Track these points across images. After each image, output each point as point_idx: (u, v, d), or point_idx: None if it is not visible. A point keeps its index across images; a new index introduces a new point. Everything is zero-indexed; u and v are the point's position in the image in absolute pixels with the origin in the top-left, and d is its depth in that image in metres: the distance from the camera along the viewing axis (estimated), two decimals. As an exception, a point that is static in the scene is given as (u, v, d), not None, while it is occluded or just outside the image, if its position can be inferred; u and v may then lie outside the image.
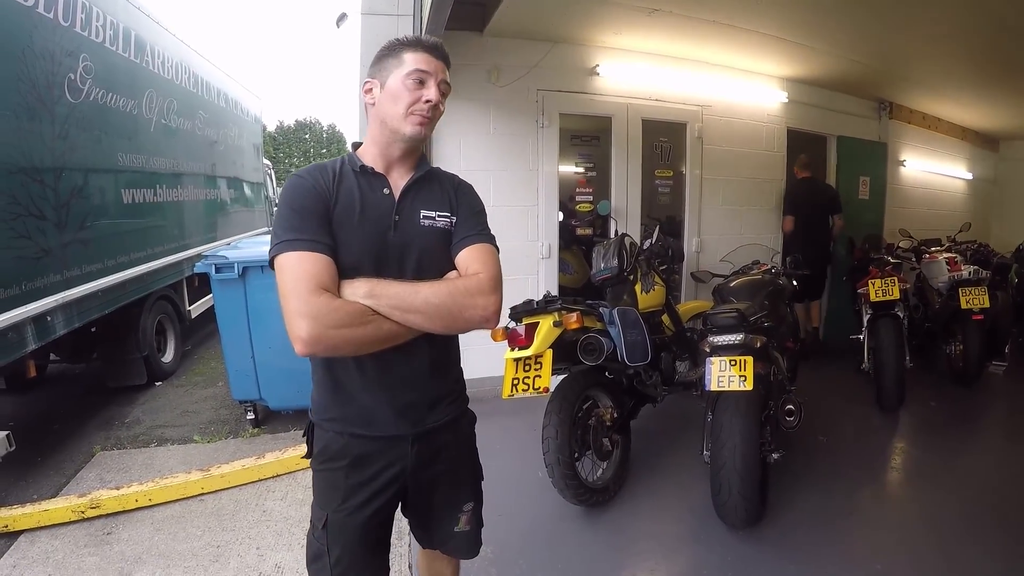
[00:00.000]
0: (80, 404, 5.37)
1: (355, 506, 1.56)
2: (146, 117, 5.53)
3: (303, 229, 1.39)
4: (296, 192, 1.45)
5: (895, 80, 6.20)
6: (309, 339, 1.32)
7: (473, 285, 1.48)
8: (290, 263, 1.37)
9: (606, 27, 4.65)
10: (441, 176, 1.68)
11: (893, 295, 4.57)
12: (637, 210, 5.32)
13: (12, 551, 3.20)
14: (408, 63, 1.48)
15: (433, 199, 1.59)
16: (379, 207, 1.51)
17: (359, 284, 1.40)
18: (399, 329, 1.41)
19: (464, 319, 1.47)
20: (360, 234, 1.47)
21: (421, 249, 1.53)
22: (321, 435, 1.60)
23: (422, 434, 1.60)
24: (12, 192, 3.73)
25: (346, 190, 1.49)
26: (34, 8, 3.91)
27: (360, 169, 1.53)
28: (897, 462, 3.98)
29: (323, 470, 1.60)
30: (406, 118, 1.47)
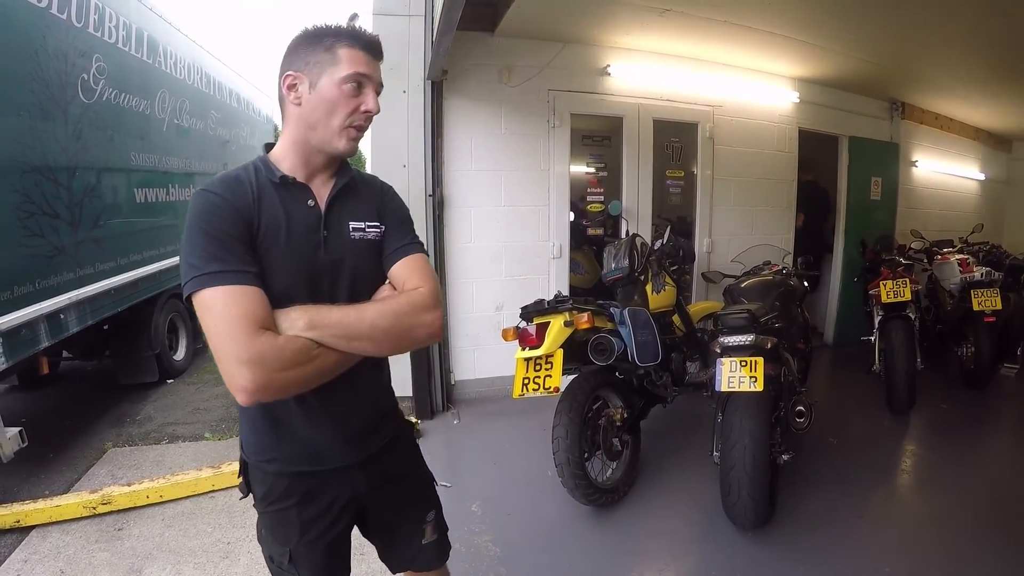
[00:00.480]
0: (92, 401, 5.40)
1: (315, 537, 1.49)
2: (158, 117, 5.57)
3: (227, 258, 1.22)
4: (210, 212, 1.26)
5: (907, 80, 6.16)
6: (256, 388, 1.16)
7: (418, 302, 1.36)
8: (219, 301, 1.19)
9: (617, 27, 4.64)
10: (365, 181, 1.53)
11: (904, 296, 4.54)
12: (648, 210, 5.32)
13: (23, 546, 3.23)
14: (345, 64, 1.31)
15: (360, 208, 1.45)
16: (305, 222, 1.36)
17: (296, 315, 1.24)
18: (344, 359, 1.29)
19: (411, 339, 1.37)
20: (289, 256, 1.32)
21: (354, 265, 1.40)
22: (261, 477, 1.48)
23: (368, 458, 1.52)
24: (26, 191, 3.77)
25: (268, 205, 1.32)
26: (47, 9, 3.94)
27: (280, 180, 1.35)
28: (907, 465, 3.95)
29: (271, 511, 1.49)
30: (341, 132, 1.33)
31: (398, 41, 4.45)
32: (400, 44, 4.46)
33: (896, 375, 4.47)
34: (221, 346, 1.18)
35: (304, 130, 1.36)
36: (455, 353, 4.98)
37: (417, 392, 4.59)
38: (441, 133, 4.68)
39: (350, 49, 1.31)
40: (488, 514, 3.28)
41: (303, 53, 1.34)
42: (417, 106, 4.54)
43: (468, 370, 5.02)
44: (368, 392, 1.50)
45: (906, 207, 7.11)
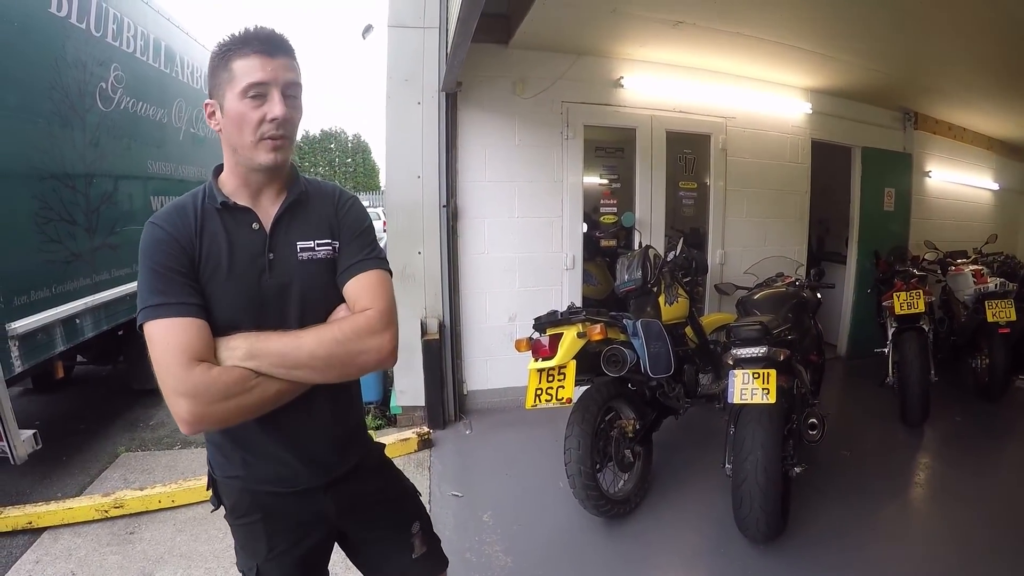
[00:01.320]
0: (106, 405, 5.44)
1: (281, 552, 1.48)
2: (175, 126, 5.63)
3: (166, 292, 1.23)
4: (155, 247, 1.27)
5: (920, 90, 6.12)
6: (193, 419, 1.18)
7: (363, 325, 1.31)
8: (159, 333, 1.21)
9: (630, 39, 4.66)
10: (318, 194, 1.46)
11: (918, 308, 4.52)
12: (661, 222, 5.32)
13: (35, 547, 3.26)
14: (240, 76, 1.25)
15: (310, 226, 1.40)
16: (249, 248, 1.33)
17: (236, 343, 1.24)
18: (288, 387, 1.27)
19: (357, 366, 1.32)
20: (232, 285, 1.30)
21: (303, 289, 1.36)
22: (228, 491, 1.48)
23: (333, 481, 1.49)
24: (44, 197, 3.82)
25: (210, 235, 1.31)
26: (67, 19, 4.00)
27: (222, 205, 1.33)
28: (921, 478, 3.92)
29: (240, 524, 1.50)
30: (256, 146, 1.28)
31: (413, 53, 4.49)
32: (415, 56, 4.49)
33: (910, 387, 4.43)
34: (161, 378, 1.20)
35: (230, 152, 1.34)
36: (468, 363, 4.99)
37: (429, 402, 4.60)
38: (455, 144, 4.70)
39: (243, 59, 1.25)
40: (499, 524, 3.28)
41: (212, 78, 1.31)
42: (431, 118, 4.57)
43: (480, 380, 5.02)
44: (327, 417, 1.44)
45: (919, 218, 7.05)
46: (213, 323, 1.26)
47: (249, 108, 1.25)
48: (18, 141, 3.61)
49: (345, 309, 1.37)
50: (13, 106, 3.55)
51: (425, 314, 4.66)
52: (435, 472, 3.95)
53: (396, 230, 4.57)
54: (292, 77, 1.29)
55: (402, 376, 4.67)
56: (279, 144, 1.29)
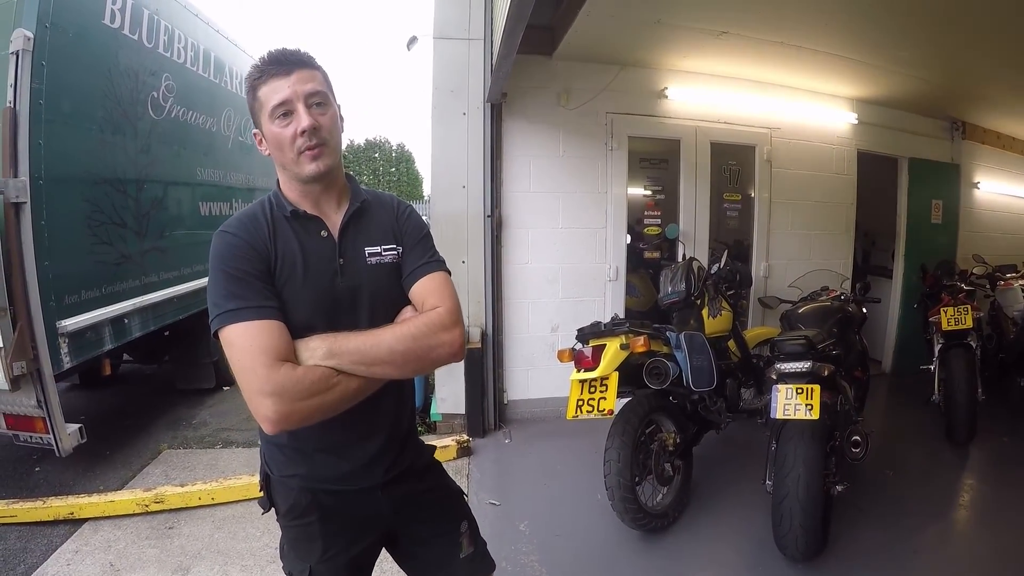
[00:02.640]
0: (150, 403, 5.60)
1: (336, 553, 1.50)
2: (224, 134, 5.77)
3: (246, 295, 1.27)
4: (229, 252, 1.31)
5: (968, 99, 5.97)
6: (279, 418, 1.21)
7: (435, 321, 1.37)
8: (240, 336, 1.24)
9: (674, 50, 4.64)
10: (379, 203, 1.53)
11: (966, 324, 4.39)
12: (705, 234, 5.28)
13: (75, 537, 3.36)
14: (265, 101, 1.33)
15: (375, 232, 1.47)
16: (320, 253, 1.39)
17: (316, 343, 1.28)
18: (366, 384, 1.31)
19: (431, 360, 1.38)
20: (307, 289, 1.36)
21: (373, 291, 1.42)
22: (285, 492, 1.50)
23: (392, 480, 1.52)
24: (97, 201, 3.96)
25: (283, 241, 1.36)
26: (120, 30, 4.13)
27: (291, 214, 1.39)
28: (965, 500, 3.81)
29: (294, 525, 1.52)
30: (298, 160, 1.34)
31: (458, 64, 4.56)
32: (460, 67, 4.56)
33: (956, 406, 4.32)
34: (244, 379, 1.24)
35: (282, 171, 1.41)
36: (509, 372, 5.00)
37: (469, 410, 4.64)
38: (500, 155, 4.74)
39: (264, 85, 1.33)
40: (536, 534, 3.28)
41: (250, 110, 1.40)
42: (476, 128, 4.62)
43: (521, 390, 5.03)
44: (391, 416, 1.50)
45: (968, 231, 6.85)
46: (289, 326, 1.30)
47: (281, 128, 1.32)
48: (72, 147, 3.74)
49: (411, 310, 1.43)
50: (67, 113, 3.68)
51: (468, 323, 4.69)
52: (473, 480, 3.97)
53: (441, 239, 4.48)
54: (311, 87, 1.33)
55: (443, 383, 4.71)
56: (317, 153, 1.34)
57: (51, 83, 3.47)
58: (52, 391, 3.45)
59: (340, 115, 1.45)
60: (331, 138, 1.37)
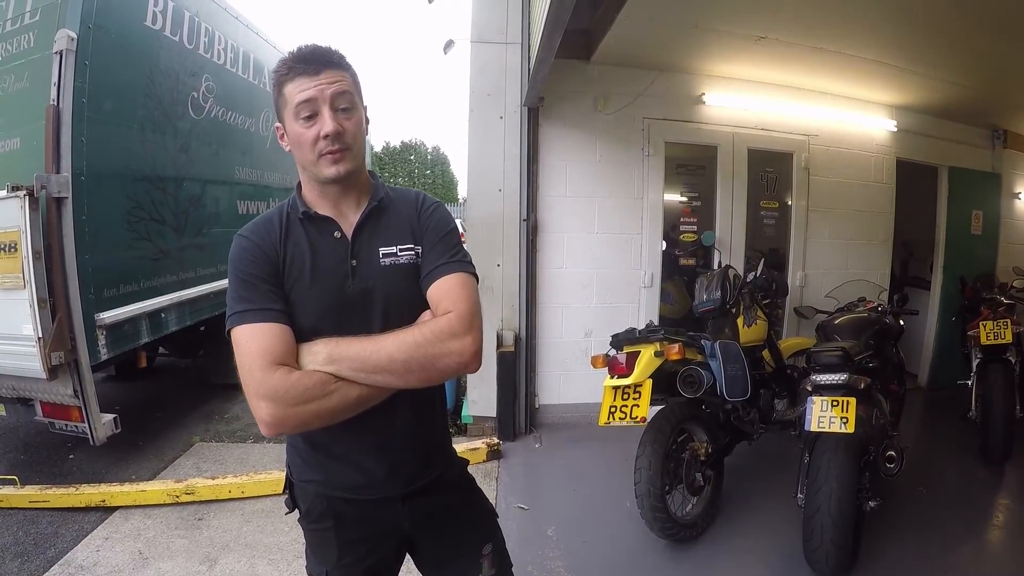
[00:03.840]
0: (183, 397, 5.70)
1: (352, 561, 1.47)
2: (262, 135, 5.86)
3: (251, 298, 1.27)
4: (240, 256, 1.32)
5: (1010, 106, 5.82)
6: (273, 421, 1.20)
7: (443, 328, 1.29)
8: (243, 338, 1.25)
9: (712, 55, 4.61)
10: (400, 200, 1.47)
11: (1005, 339, 4.26)
12: (741, 242, 5.23)
13: (106, 524, 3.44)
14: (290, 98, 1.30)
15: (392, 232, 1.41)
16: (332, 255, 1.36)
17: (318, 348, 1.26)
18: (368, 392, 1.26)
19: (438, 370, 1.29)
20: (316, 291, 1.33)
21: (386, 293, 1.36)
22: (303, 496, 1.49)
23: (412, 493, 1.46)
24: (137, 198, 4.06)
25: (294, 244, 1.35)
26: (161, 32, 4.23)
27: (304, 215, 1.37)
28: (1000, 520, 3.70)
29: (313, 529, 1.50)
30: (318, 161, 1.31)
31: (495, 68, 4.58)
32: (497, 71, 4.58)
33: (993, 423, 4.20)
34: (244, 381, 1.23)
35: (302, 169, 1.39)
36: (541, 377, 5.00)
37: (500, 413, 4.65)
38: (536, 159, 4.74)
39: (290, 81, 1.30)
40: (563, 539, 3.27)
41: (275, 104, 1.37)
42: (513, 132, 4.63)
43: (553, 395, 5.02)
44: (409, 425, 1.43)
45: (1009, 242, 6.67)
46: (298, 328, 1.29)
47: (303, 128, 1.30)
48: (113, 144, 3.84)
49: (430, 314, 1.36)
50: (109, 111, 3.78)
51: (501, 326, 4.71)
52: (502, 483, 3.97)
53: (476, 242, 4.61)
54: (339, 88, 1.30)
55: (475, 386, 4.74)
56: (338, 157, 1.31)
57: (93, 82, 3.57)
58: (89, 381, 3.54)
59: (366, 117, 1.42)
60: (354, 143, 1.34)
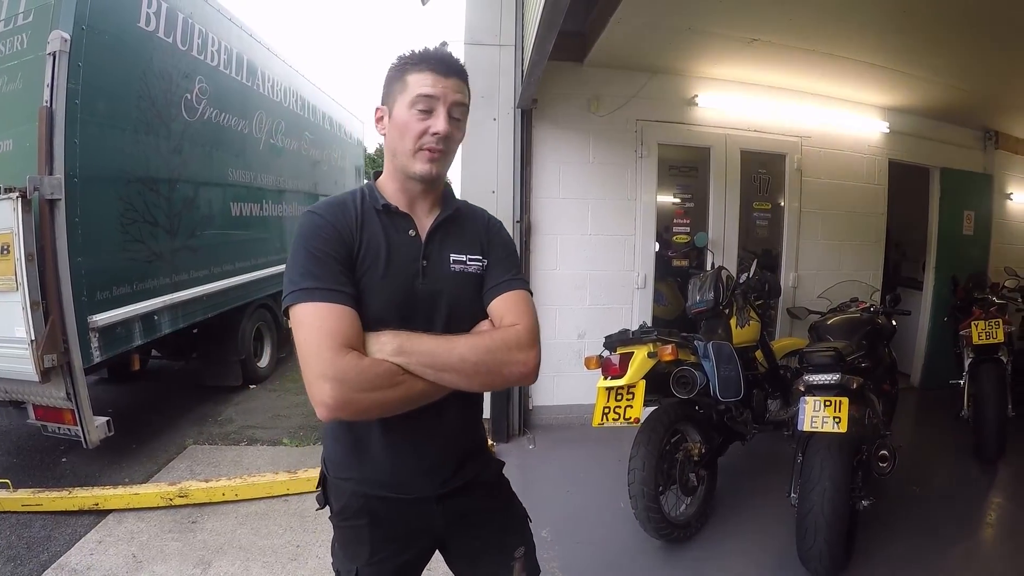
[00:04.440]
0: (177, 399, 5.67)
1: (383, 559, 1.46)
2: (255, 136, 5.86)
3: (323, 276, 1.25)
4: (315, 233, 1.30)
5: (1001, 108, 5.87)
6: (335, 404, 1.18)
7: (512, 339, 1.33)
8: (309, 316, 1.22)
9: (705, 57, 4.63)
10: (470, 214, 1.51)
11: (997, 338, 4.28)
12: (734, 243, 5.25)
13: (99, 527, 3.42)
14: (412, 87, 1.31)
15: (463, 241, 1.44)
16: (405, 251, 1.36)
17: (387, 339, 1.25)
18: (431, 388, 1.27)
19: (503, 376, 1.33)
20: (386, 283, 1.32)
21: (452, 297, 1.38)
22: (338, 493, 1.47)
23: (447, 494, 1.46)
24: (130, 199, 4.04)
25: (370, 233, 1.34)
26: (155, 33, 4.22)
27: (383, 208, 1.38)
28: (993, 518, 3.72)
29: (345, 526, 1.49)
30: (414, 155, 1.33)
31: (489, 70, 4.57)
32: (491, 73, 4.57)
33: (985, 422, 4.23)
34: (307, 361, 1.20)
35: (391, 157, 1.40)
36: (534, 378, 4.99)
37: (494, 415, 4.63)
38: (530, 161, 4.75)
39: (418, 73, 1.32)
40: (558, 541, 3.26)
41: (387, 86, 1.38)
42: (507, 134, 4.64)
43: (547, 396, 5.01)
44: (454, 426, 1.43)
45: (1000, 243, 6.73)
46: (363, 317, 1.27)
47: (414, 119, 1.31)
48: (106, 146, 3.83)
49: (488, 324, 1.40)
50: (102, 113, 3.77)
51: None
52: (496, 484, 3.95)
53: None
54: (459, 98, 1.34)
55: (468, 387, 4.72)
56: (435, 157, 1.33)
57: (87, 84, 3.56)
58: (81, 384, 3.53)
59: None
60: (452, 150, 1.38)
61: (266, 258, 6.15)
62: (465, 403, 1.43)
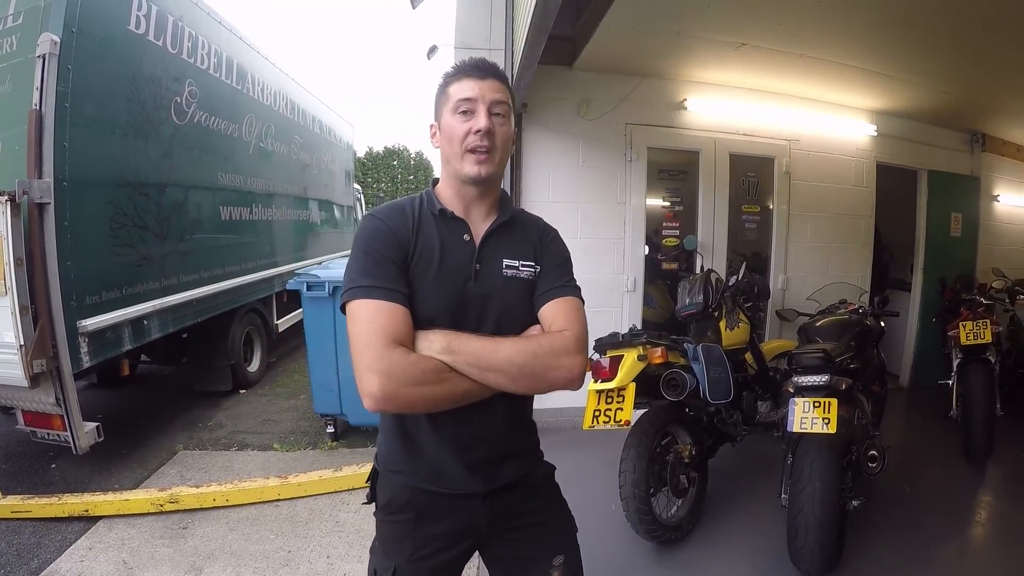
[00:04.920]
0: (167, 404, 5.64)
1: (424, 556, 1.47)
2: (245, 140, 5.84)
3: (379, 276, 1.32)
4: (373, 235, 1.38)
5: (988, 111, 5.91)
6: (381, 396, 1.24)
7: (559, 344, 1.36)
8: (364, 312, 1.29)
9: (694, 62, 4.64)
10: (526, 221, 1.57)
11: (985, 339, 4.33)
12: (723, 245, 5.27)
13: (89, 534, 3.40)
14: (453, 95, 1.40)
15: (517, 247, 1.49)
16: (459, 255, 1.42)
17: (436, 337, 1.31)
18: (476, 388, 1.32)
19: (547, 380, 1.35)
20: (439, 285, 1.38)
21: (503, 301, 1.43)
22: (386, 486, 1.51)
23: (494, 491, 1.48)
24: (119, 203, 4.03)
25: (425, 236, 1.40)
26: (144, 36, 4.21)
27: (439, 212, 1.44)
28: (982, 517, 3.75)
29: (389, 521, 1.52)
30: (463, 157, 1.39)
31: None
32: (480, 77, 4.55)
33: (974, 421, 4.26)
34: (358, 354, 1.27)
35: (445, 164, 1.46)
36: (525, 381, 4.97)
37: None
38: (520, 164, 4.76)
39: (457, 83, 1.41)
40: (550, 543, 3.27)
41: (435, 104, 1.47)
42: (497, 137, 4.61)
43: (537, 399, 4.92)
44: (501, 425, 1.47)
45: (987, 244, 6.79)
46: (416, 316, 1.34)
47: (458, 122, 1.39)
48: (96, 149, 3.82)
49: (538, 329, 1.44)
50: (92, 116, 3.76)
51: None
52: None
53: None
54: (499, 97, 1.40)
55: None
56: (483, 157, 1.39)
57: (76, 87, 3.55)
58: (71, 389, 3.51)
59: (513, 138, 1.49)
60: (501, 149, 1.42)
61: (256, 262, 6.13)
62: (514, 404, 1.46)
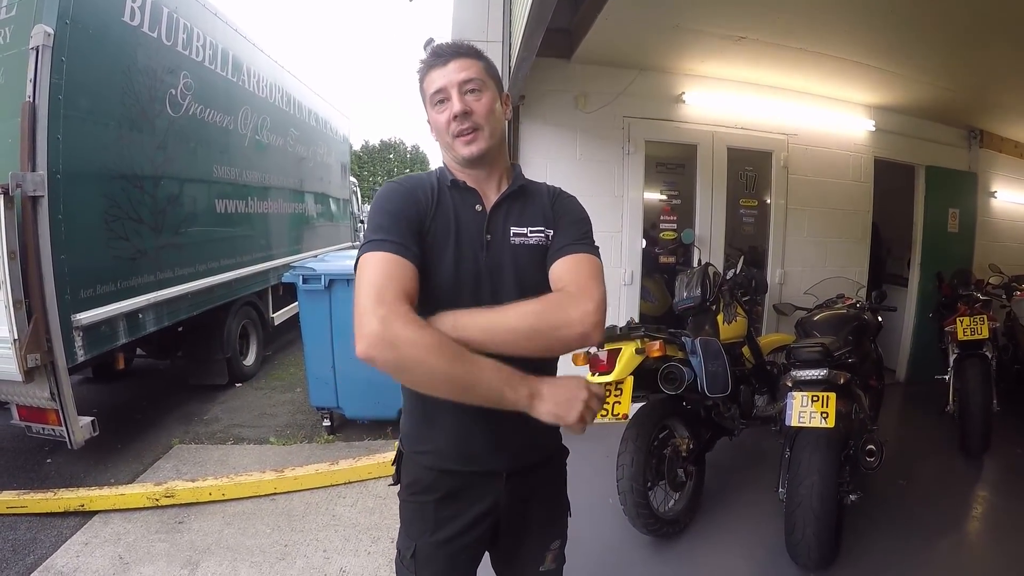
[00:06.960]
0: (162, 398, 5.64)
1: (445, 538, 1.47)
2: (240, 133, 5.82)
3: (392, 230, 1.28)
4: (391, 196, 1.38)
5: (986, 107, 5.91)
6: (373, 339, 1.15)
7: (563, 298, 1.29)
8: (376, 261, 1.24)
9: (692, 55, 4.62)
10: (536, 189, 1.53)
11: (981, 334, 4.32)
12: (721, 239, 5.25)
13: (85, 529, 3.40)
14: (427, 91, 1.41)
15: (526, 214, 1.45)
16: (472, 226, 1.40)
17: (441, 318, 1.24)
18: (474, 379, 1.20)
19: (558, 339, 1.26)
20: (455, 256, 1.36)
21: (516, 271, 1.39)
22: (411, 467, 1.51)
23: (517, 470, 1.48)
24: (114, 196, 4.01)
25: (444, 207, 1.39)
26: (139, 28, 4.18)
27: (451, 183, 1.43)
28: (979, 512, 3.76)
29: (412, 501, 1.52)
30: (453, 143, 1.39)
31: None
32: (478, 69, 4.53)
33: (971, 417, 4.26)
34: (365, 296, 1.20)
35: (446, 154, 1.49)
36: (522, 374, 4.96)
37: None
38: (517, 157, 4.73)
39: (427, 78, 1.42)
40: (547, 537, 3.27)
41: (422, 102, 1.47)
42: (494, 130, 4.59)
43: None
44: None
45: (985, 240, 6.79)
46: (434, 292, 1.31)
47: (438, 114, 1.40)
48: (90, 142, 3.80)
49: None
50: (86, 108, 3.74)
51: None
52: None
53: None
54: (465, 75, 1.37)
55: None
56: (470, 138, 1.38)
57: (70, 79, 3.52)
58: (66, 384, 3.50)
59: (501, 100, 1.46)
60: (485, 123, 1.39)
61: (251, 255, 6.11)
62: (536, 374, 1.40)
